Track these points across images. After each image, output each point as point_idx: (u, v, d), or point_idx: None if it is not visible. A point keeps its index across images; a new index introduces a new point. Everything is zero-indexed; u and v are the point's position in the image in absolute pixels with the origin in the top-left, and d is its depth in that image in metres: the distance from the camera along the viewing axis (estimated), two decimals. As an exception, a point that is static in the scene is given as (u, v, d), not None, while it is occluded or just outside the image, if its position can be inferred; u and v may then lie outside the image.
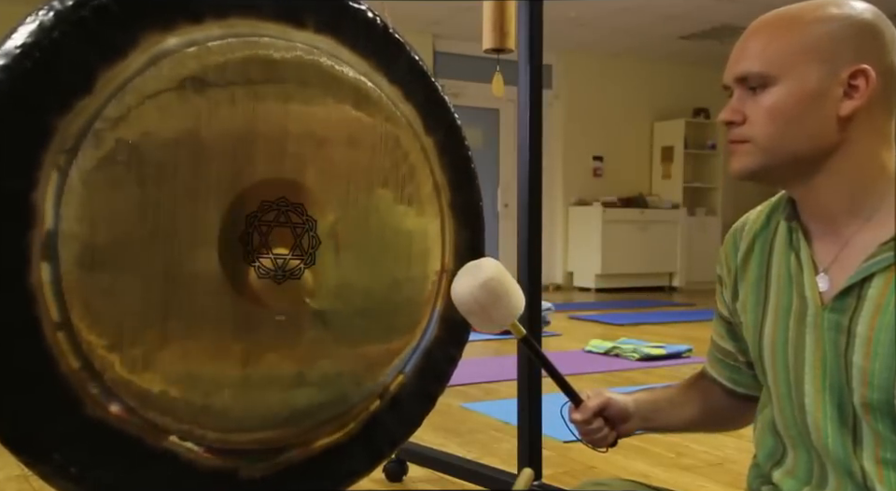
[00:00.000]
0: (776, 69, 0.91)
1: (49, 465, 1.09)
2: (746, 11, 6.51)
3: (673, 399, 1.21)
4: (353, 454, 1.41)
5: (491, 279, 1.17)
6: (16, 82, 1.03)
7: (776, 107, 0.91)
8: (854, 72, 0.89)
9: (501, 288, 1.17)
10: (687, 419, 1.20)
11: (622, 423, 1.19)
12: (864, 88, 0.88)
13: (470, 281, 1.18)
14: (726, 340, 1.14)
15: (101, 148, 1.09)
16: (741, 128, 0.94)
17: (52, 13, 1.06)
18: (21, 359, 1.06)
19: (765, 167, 0.93)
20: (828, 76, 0.89)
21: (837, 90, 0.89)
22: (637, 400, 1.19)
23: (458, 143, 1.54)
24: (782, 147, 0.92)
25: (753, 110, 0.93)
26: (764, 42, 0.92)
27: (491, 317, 1.18)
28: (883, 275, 0.88)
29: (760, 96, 0.92)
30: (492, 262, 1.21)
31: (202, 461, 1.22)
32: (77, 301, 1.08)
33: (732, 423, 1.21)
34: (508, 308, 1.18)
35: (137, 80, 1.11)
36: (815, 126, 0.90)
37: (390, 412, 1.47)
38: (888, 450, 0.89)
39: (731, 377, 1.15)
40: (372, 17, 1.40)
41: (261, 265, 1.24)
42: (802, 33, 0.91)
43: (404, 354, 1.45)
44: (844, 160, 0.91)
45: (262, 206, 1.24)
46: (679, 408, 1.20)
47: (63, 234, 1.07)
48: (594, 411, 1.17)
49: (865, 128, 0.90)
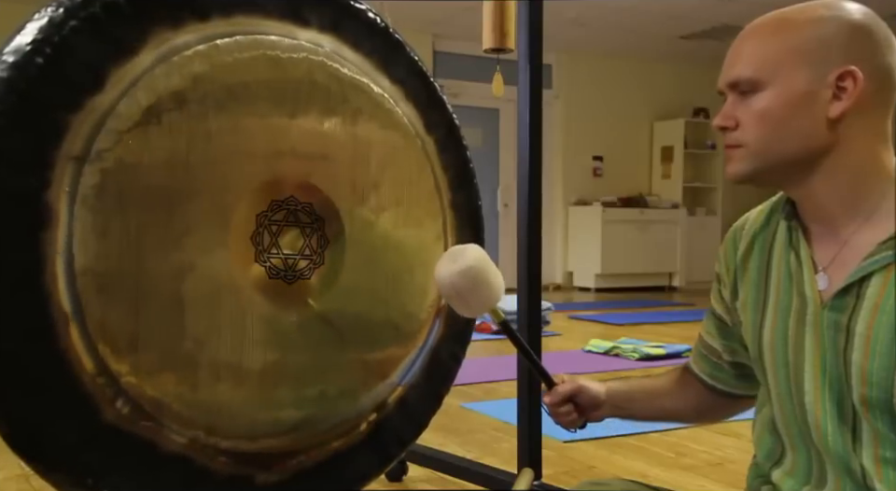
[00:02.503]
0: (764, 74, 0.91)
1: (63, 473, 1.08)
2: (746, 11, 6.50)
3: (648, 390, 1.25)
4: (363, 457, 1.41)
5: (470, 268, 1.18)
6: (27, 79, 1.01)
7: (765, 111, 0.92)
8: (842, 74, 0.89)
9: (480, 277, 1.18)
10: (661, 410, 1.24)
11: (592, 410, 1.24)
12: (852, 89, 0.89)
13: (451, 267, 1.19)
14: (715, 337, 1.16)
15: (114, 147, 1.08)
16: (734, 133, 0.95)
17: (62, 9, 1.05)
18: (36, 362, 1.03)
19: (759, 170, 0.95)
20: (816, 78, 0.90)
21: (826, 92, 0.90)
22: (609, 390, 1.24)
23: (457, 143, 1.54)
24: (774, 151, 0.93)
25: (745, 115, 0.94)
26: (754, 47, 0.93)
27: (469, 304, 1.20)
28: (881, 274, 0.88)
29: (750, 101, 0.93)
30: (474, 250, 1.22)
31: (216, 467, 1.21)
32: (92, 302, 1.06)
33: (708, 417, 1.25)
34: (485, 297, 1.20)
35: (147, 77, 1.11)
36: (805, 128, 0.91)
37: (398, 413, 1.47)
38: (887, 448, 0.89)
39: (711, 373, 1.17)
40: (373, 17, 1.40)
41: (272, 265, 1.24)
42: (790, 36, 0.91)
43: (411, 354, 1.45)
44: (839, 160, 0.91)
45: (272, 206, 1.23)
46: (654, 399, 1.24)
47: (78, 233, 1.06)
48: (564, 396, 1.23)
49: (859, 128, 0.91)
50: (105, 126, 1.07)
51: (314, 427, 1.32)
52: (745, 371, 1.14)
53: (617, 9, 7.17)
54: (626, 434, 2.71)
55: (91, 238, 1.07)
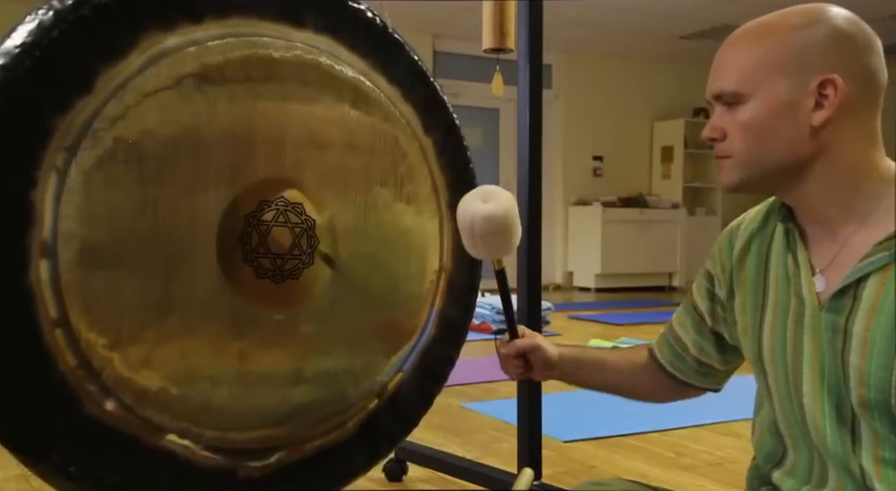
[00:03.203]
0: (747, 86, 0.92)
1: (48, 464, 1.09)
2: (746, 11, 6.50)
3: (597, 362, 1.28)
4: (351, 453, 1.41)
5: (495, 216, 1.12)
6: (16, 81, 1.03)
7: (749, 123, 0.93)
8: (822, 82, 0.89)
9: (501, 227, 1.13)
10: (606, 383, 1.28)
11: (543, 370, 1.27)
12: (834, 97, 0.89)
13: (478, 206, 1.13)
14: (687, 331, 1.17)
15: (100, 147, 1.09)
16: (723, 144, 0.96)
17: (52, 12, 1.05)
18: (20, 358, 1.06)
19: (749, 180, 0.95)
20: (797, 88, 0.90)
21: (808, 100, 0.90)
22: (562, 356, 1.27)
23: (457, 143, 1.54)
24: (761, 161, 0.93)
25: (731, 126, 0.95)
26: (735, 58, 0.94)
27: (477, 247, 1.16)
28: (878, 275, 0.88)
29: (735, 112, 0.94)
30: (507, 198, 1.16)
31: (200, 460, 1.21)
32: (76, 300, 1.08)
33: (658, 398, 1.28)
34: (497, 247, 1.16)
35: (137, 79, 1.11)
36: (790, 137, 0.91)
37: (388, 411, 1.47)
38: (886, 449, 0.89)
39: (673, 362, 1.19)
40: (372, 17, 1.40)
41: (260, 265, 1.24)
42: (770, 46, 0.92)
43: (402, 352, 1.45)
44: (829, 165, 0.92)
45: (261, 206, 1.24)
46: (602, 372, 1.27)
47: (63, 233, 1.07)
48: (519, 350, 1.26)
49: (847, 132, 0.91)
50: (92, 127, 1.08)
51: (300, 422, 1.32)
52: (706, 368, 1.16)
53: (617, 9, 7.17)
54: (626, 434, 2.71)
55: (76, 236, 1.08)
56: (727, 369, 1.17)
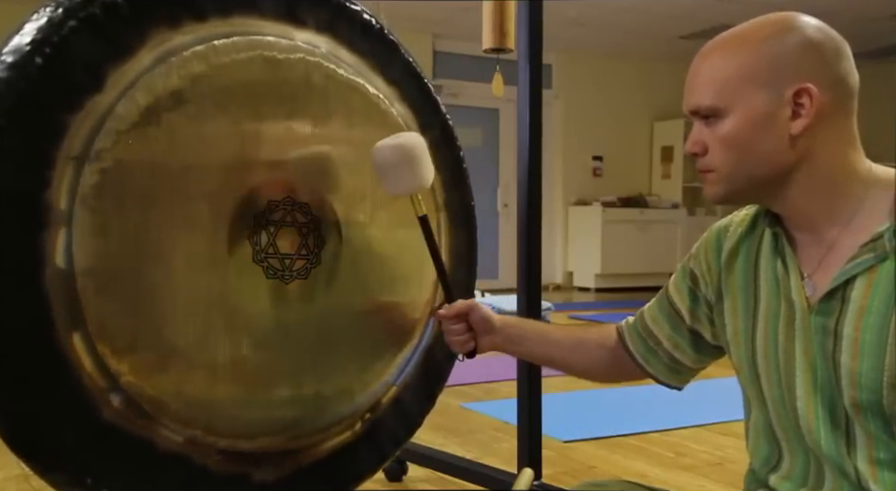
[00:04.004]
0: (723, 101, 0.93)
1: (62, 472, 1.07)
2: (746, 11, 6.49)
3: (542, 336, 1.29)
4: (359, 455, 1.42)
5: (401, 146, 1.24)
6: (27, 80, 1.01)
7: (729, 137, 0.93)
8: (797, 91, 0.90)
9: (406, 157, 1.25)
10: (550, 358, 1.29)
11: (484, 334, 1.28)
12: (809, 105, 0.90)
13: (386, 140, 1.26)
14: (661, 327, 1.17)
15: (113, 147, 1.07)
16: (704, 158, 0.97)
17: (61, 9, 1.04)
18: (35, 363, 1.03)
19: (733, 192, 0.96)
20: (773, 99, 0.91)
21: (785, 110, 0.91)
22: (504, 320, 1.28)
23: (451, 143, 1.54)
24: (742, 173, 0.94)
25: (711, 140, 0.95)
26: (709, 73, 0.95)
27: (388, 179, 1.26)
28: (865, 277, 0.88)
29: (714, 127, 0.94)
30: (415, 137, 1.29)
31: (214, 466, 1.21)
32: (92, 303, 1.06)
33: (609, 380, 1.28)
34: (406, 178, 1.26)
35: (146, 78, 1.11)
36: (770, 148, 0.92)
37: (393, 412, 1.47)
38: (880, 449, 0.89)
39: (645, 356, 1.19)
40: (368, 17, 1.40)
41: (269, 265, 1.24)
42: (744, 58, 0.92)
43: (406, 353, 1.45)
44: (811, 171, 0.92)
45: (270, 206, 1.24)
46: (546, 346, 1.28)
47: (77, 234, 1.05)
48: (458, 310, 1.27)
49: (826, 137, 0.92)
50: (104, 126, 1.07)
51: (310, 426, 1.32)
52: (677, 365, 1.16)
53: (617, 9, 7.17)
54: (626, 434, 2.71)
55: (90, 238, 1.06)
56: (697, 368, 1.17)
